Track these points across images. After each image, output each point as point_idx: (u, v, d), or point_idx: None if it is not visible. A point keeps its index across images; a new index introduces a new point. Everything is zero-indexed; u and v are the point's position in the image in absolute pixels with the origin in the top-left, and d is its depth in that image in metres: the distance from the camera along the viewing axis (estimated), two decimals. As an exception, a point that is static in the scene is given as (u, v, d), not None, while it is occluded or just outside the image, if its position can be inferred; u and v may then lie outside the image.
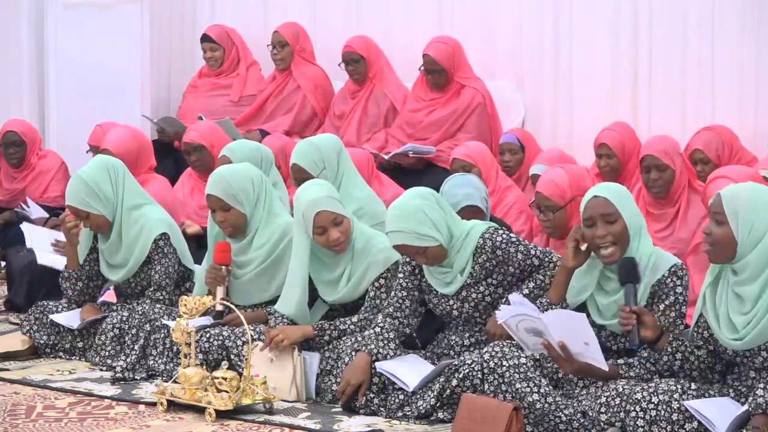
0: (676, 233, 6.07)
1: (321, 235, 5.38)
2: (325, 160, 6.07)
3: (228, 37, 8.95)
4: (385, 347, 5.12)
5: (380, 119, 8.26)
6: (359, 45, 8.30)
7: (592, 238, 4.70)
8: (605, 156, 6.79)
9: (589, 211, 4.70)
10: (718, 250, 4.37)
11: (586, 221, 4.71)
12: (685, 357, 4.53)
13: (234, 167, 5.86)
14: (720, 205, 4.38)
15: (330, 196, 5.41)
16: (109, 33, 9.27)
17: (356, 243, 5.46)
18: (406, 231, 5.05)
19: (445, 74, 7.89)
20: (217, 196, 5.70)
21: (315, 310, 5.57)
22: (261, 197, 5.77)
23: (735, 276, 4.38)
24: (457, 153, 6.72)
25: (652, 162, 6.14)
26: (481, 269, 5.12)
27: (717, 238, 4.35)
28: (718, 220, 4.37)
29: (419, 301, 5.26)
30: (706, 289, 4.48)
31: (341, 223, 5.39)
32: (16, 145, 8.17)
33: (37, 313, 6.11)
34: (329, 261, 5.49)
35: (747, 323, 4.32)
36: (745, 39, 7.50)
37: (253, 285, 5.76)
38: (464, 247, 5.12)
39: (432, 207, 5.10)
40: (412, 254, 5.11)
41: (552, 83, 8.25)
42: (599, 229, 4.68)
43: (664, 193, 6.14)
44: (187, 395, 5.08)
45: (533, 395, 4.61)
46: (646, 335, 4.52)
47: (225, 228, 5.74)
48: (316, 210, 5.35)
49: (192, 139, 7.38)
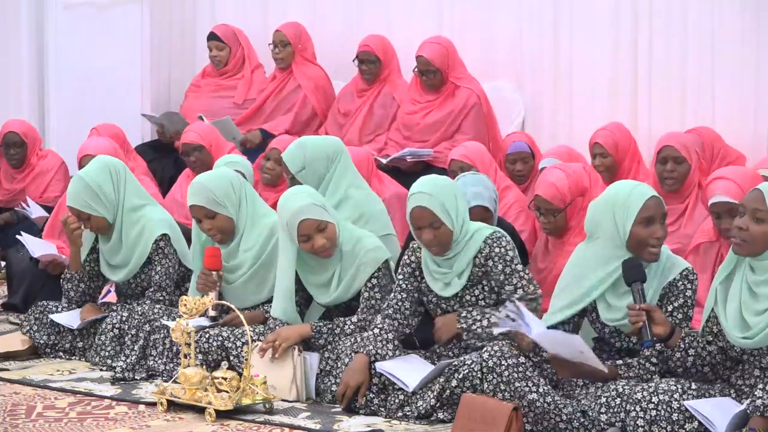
0: (682, 229, 6.06)
1: (306, 242, 5.37)
2: (307, 162, 5.96)
3: (235, 37, 8.92)
4: (383, 348, 5.13)
5: (385, 121, 8.22)
6: (377, 46, 8.22)
7: (647, 237, 4.67)
8: (599, 155, 6.79)
9: (650, 211, 4.67)
10: (750, 246, 4.36)
11: (644, 219, 4.67)
12: (698, 353, 4.54)
13: (210, 174, 5.86)
14: (762, 202, 4.36)
15: (313, 203, 5.38)
16: (109, 33, 9.26)
17: (344, 245, 5.45)
18: (435, 197, 5.06)
19: (439, 75, 7.86)
20: (201, 205, 5.68)
21: (311, 312, 5.57)
22: (243, 198, 5.76)
23: (753, 274, 4.38)
24: (455, 154, 6.71)
25: (670, 153, 6.12)
26: (478, 272, 5.12)
27: (754, 235, 4.34)
28: (758, 217, 4.34)
29: (418, 301, 5.27)
30: (718, 285, 4.48)
31: (325, 229, 5.37)
32: (17, 146, 8.16)
33: (37, 313, 6.11)
34: (318, 265, 5.47)
35: (758, 323, 4.32)
36: (745, 39, 7.50)
37: (246, 288, 5.76)
38: (467, 248, 5.12)
39: (461, 196, 5.18)
40: (426, 225, 5.07)
41: (552, 83, 8.24)
42: (659, 230, 4.68)
43: (678, 186, 6.11)
44: (187, 395, 5.08)
45: (532, 394, 4.62)
46: (658, 332, 4.52)
47: (214, 235, 5.73)
48: (300, 218, 5.33)
49: (191, 139, 7.38)
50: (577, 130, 7.98)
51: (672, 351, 4.56)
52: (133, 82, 9.28)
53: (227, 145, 7.62)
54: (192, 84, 9.06)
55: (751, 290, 4.39)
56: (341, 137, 7.92)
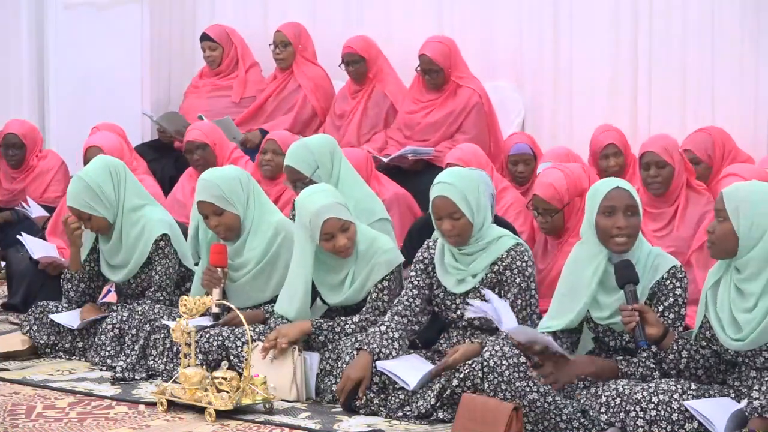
0: (675, 232, 6.07)
1: (328, 241, 5.38)
2: (318, 161, 6.05)
3: (227, 37, 8.93)
4: (388, 347, 5.12)
5: (381, 119, 8.24)
6: (359, 46, 8.27)
7: (609, 227, 4.69)
8: (613, 156, 6.83)
9: (612, 201, 4.71)
10: (719, 246, 4.41)
11: (606, 209, 4.70)
12: (691, 355, 4.54)
13: (219, 170, 5.86)
14: (721, 202, 4.42)
15: (337, 202, 5.41)
16: (109, 33, 9.26)
17: (359, 246, 5.46)
18: (457, 188, 5.08)
19: (442, 74, 7.87)
20: (209, 201, 5.69)
21: (313, 311, 5.57)
22: (250, 196, 5.77)
23: (738, 273, 4.41)
24: (451, 157, 6.70)
25: (651, 159, 6.14)
26: (494, 278, 5.12)
27: (719, 235, 4.40)
28: (720, 216, 4.40)
29: (429, 299, 5.26)
30: (708, 290, 4.50)
31: (348, 229, 5.39)
32: (15, 147, 8.16)
33: (37, 313, 6.11)
34: (333, 264, 5.49)
35: (748, 323, 4.33)
36: (745, 39, 7.49)
37: (250, 286, 5.76)
38: (488, 251, 5.12)
39: (485, 191, 5.19)
40: (446, 215, 5.09)
41: (552, 83, 8.24)
42: (620, 220, 4.69)
43: (663, 191, 6.14)
44: (187, 395, 5.08)
45: (533, 394, 4.62)
46: (651, 332, 4.52)
47: (220, 232, 5.74)
48: (325, 217, 5.34)
49: (195, 137, 7.38)
50: (577, 130, 7.97)
51: (665, 353, 4.57)
52: (133, 82, 9.28)
53: (230, 143, 7.64)
54: (191, 85, 9.07)
55: (738, 289, 4.42)
56: (339, 139, 7.94)
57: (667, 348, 4.56)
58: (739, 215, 4.36)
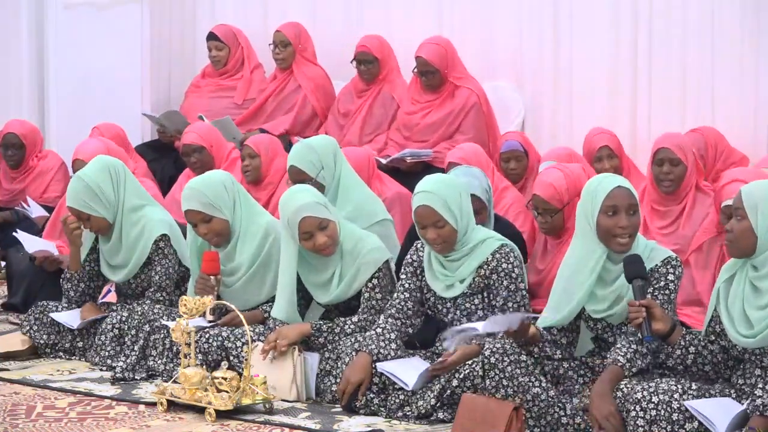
0: (680, 230, 6.06)
1: (308, 240, 5.38)
2: (323, 161, 6.04)
3: (234, 37, 8.91)
4: (386, 348, 5.12)
5: (385, 121, 8.21)
6: (375, 46, 8.21)
7: (612, 227, 4.70)
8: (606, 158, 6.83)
9: (615, 200, 4.70)
10: (738, 245, 4.40)
11: (609, 209, 4.70)
12: (698, 351, 4.54)
13: (203, 177, 5.85)
14: (740, 201, 4.41)
15: (315, 201, 5.40)
16: (109, 33, 9.26)
17: (345, 244, 5.45)
18: (439, 196, 5.07)
19: (438, 75, 7.85)
20: (196, 210, 5.68)
21: (311, 312, 5.57)
22: (237, 199, 5.76)
23: (755, 271, 4.41)
24: (452, 156, 6.71)
25: (666, 155, 6.11)
26: (481, 282, 5.12)
27: (737, 233, 4.39)
28: (739, 215, 4.40)
29: (421, 301, 5.26)
30: (721, 285, 4.50)
31: (327, 227, 5.38)
32: (15, 148, 8.15)
33: (37, 313, 6.11)
34: (318, 263, 5.48)
35: (761, 321, 4.33)
36: (745, 39, 7.49)
37: (244, 290, 5.76)
38: (473, 255, 5.12)
39: (467, 196, 5.18)
40: (430, 224, 5.08)
41: (552, 83, 8.24)
42: (623, 220, 4.69)
43: (674, 188, 6.11)
44: (187, 395, 5.08)
45: (535, 388, 4.62)
46: (658, 328, 4.51)
47: (210, 239, 5.73)
48: (301, 216, 5.34)
49: (191, 140, 7.37)
50: (577, 130, 7.97)
51: (672, 348, 4.56)
52: (133, 82, 9.27)
53: (228, 145, 7.62)
54: (192, 84, 9.05)
55: (753, 285, 4.41)
56: (341, 138, 7.94)
57: (674, 344, 4.56)
58: (758, 213, 4.36)
